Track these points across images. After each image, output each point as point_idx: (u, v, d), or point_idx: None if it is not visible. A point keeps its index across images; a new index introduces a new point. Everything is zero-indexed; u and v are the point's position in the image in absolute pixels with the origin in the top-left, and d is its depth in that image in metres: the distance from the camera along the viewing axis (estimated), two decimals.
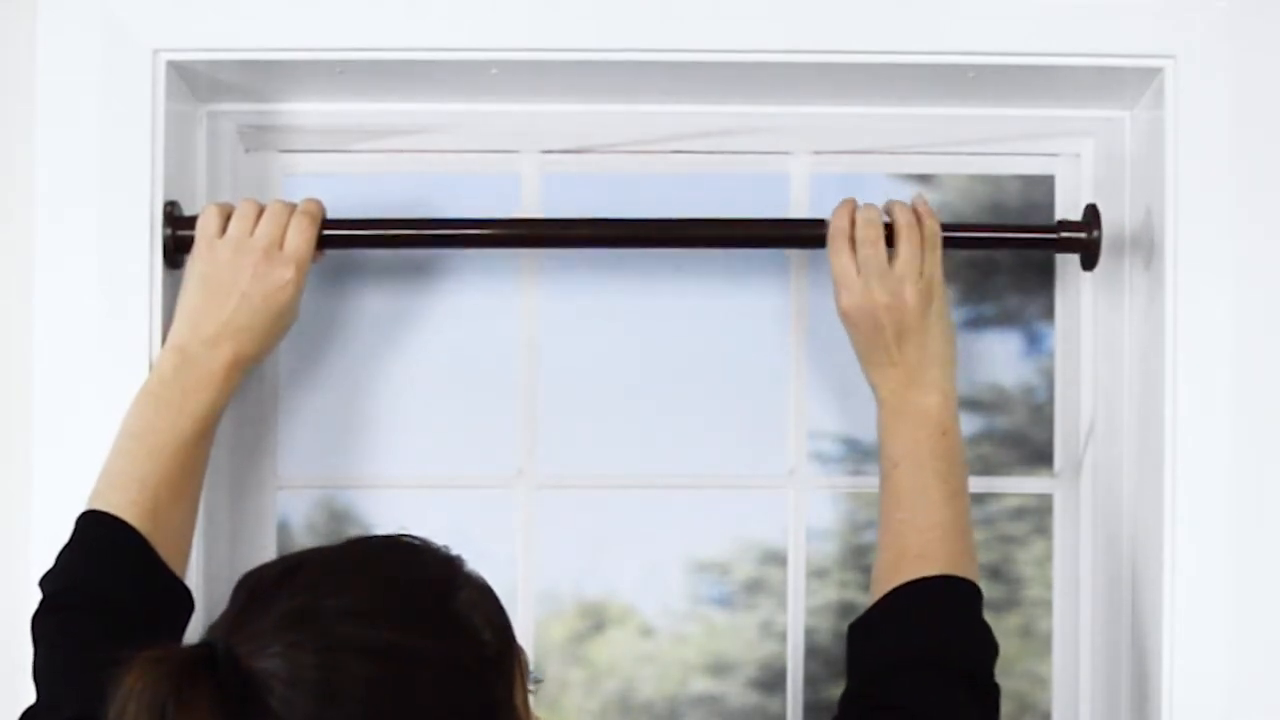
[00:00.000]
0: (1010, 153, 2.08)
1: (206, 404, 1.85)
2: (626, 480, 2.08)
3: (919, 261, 1.86)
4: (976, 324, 2.10)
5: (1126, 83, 1.97)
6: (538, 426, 2.06)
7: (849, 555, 2.10)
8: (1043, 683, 2.07)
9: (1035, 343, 2.09)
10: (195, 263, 1.89)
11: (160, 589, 1.77)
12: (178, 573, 1.80)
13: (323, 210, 1.92)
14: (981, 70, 1.95)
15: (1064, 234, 1.96)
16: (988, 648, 1.77)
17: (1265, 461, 1.90)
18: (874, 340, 1.85)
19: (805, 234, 1.95)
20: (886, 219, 1.89)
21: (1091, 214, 1.96)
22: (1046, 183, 2.09)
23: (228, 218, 1.89)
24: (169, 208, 1.93)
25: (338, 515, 2.09)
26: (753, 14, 1.92)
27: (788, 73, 1.96)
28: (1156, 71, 1.93)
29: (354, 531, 2.08)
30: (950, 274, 2.04)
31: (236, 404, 1.98)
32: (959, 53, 1.93)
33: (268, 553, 2.03)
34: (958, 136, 2.07)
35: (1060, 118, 2.05)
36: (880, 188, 2.10)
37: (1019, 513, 2.10)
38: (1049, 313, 2.09)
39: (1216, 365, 1.90)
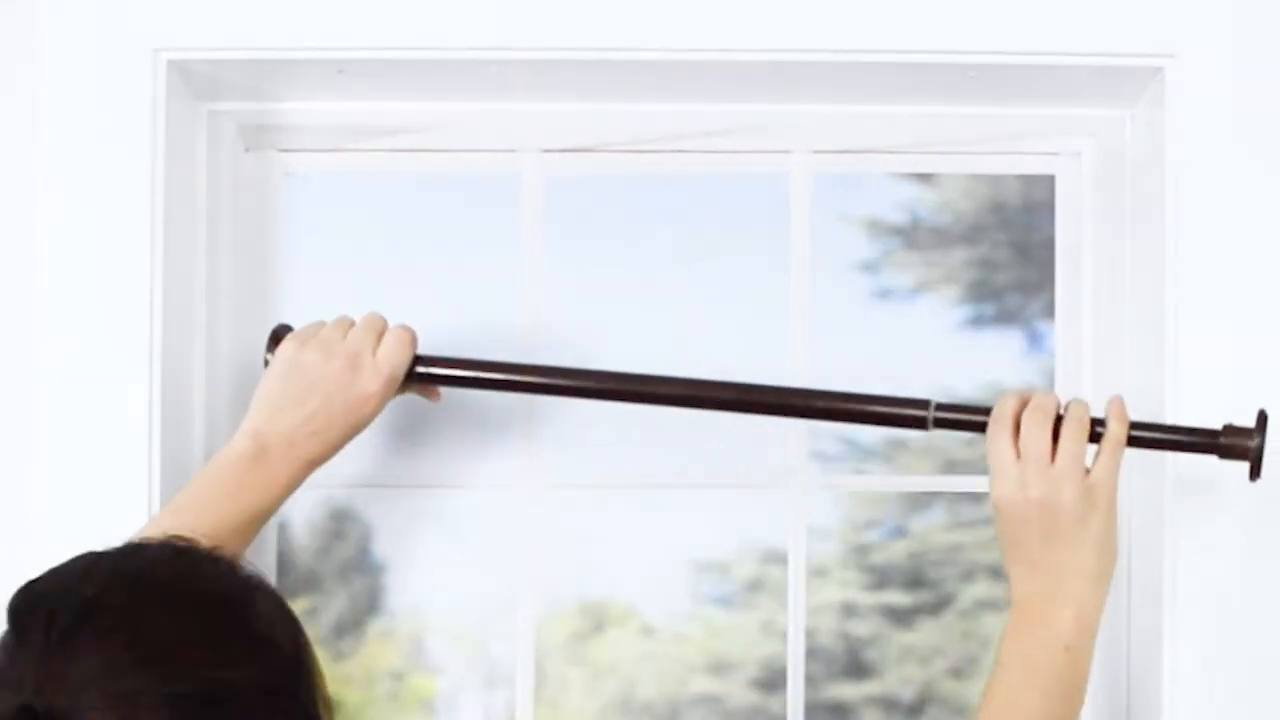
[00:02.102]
0: (1010, 152, 2.08)
1: (264, 503, 1.81)
2: (626, 480, 2.08)
3: (1083, 459, 1.70)
4: (976, 324, 2.10)
5: (1126, 83, 1.97)
6: (538, 426, 2.06)
7: (850, 555, 2.10)
8: None
9: (1035, 343, 2.09)
10: (281, 356, 1.84)
11: None
12: None
13: (416, 337, 1.86)
14: (981, 70, 1.95)
15: (1227, 440, 1.78)
16: None
17: (1266, 459, 1.90)
18: (1018, 536, 1.69)
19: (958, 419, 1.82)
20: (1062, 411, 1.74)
21: (1260, 421, 1.78)
22: (1046, 182, 2.09)
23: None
24: (277, 330, 1.90)
25: (338, 515, 2.09)
26: (753, 14, 1.92)
27: (788, 72, 1.96)
28: (1157, 71, 1.94)
29: (355, 531, 2.09)
30: (950, 274, 2.04)
31: (237, 403, 1.97)
32: (959, 52, 1.93)
33: (268, 553, 2.03)
34: (958, 136, 2.07)
35: (1060, 117, 2.05)
36: (880, 187, 2.10)
37: None
38: (1049, 313, 2.09)
39: (1216, 365, 1.90)
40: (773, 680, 2.08)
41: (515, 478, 2.06)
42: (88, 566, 1.36)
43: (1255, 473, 1.78)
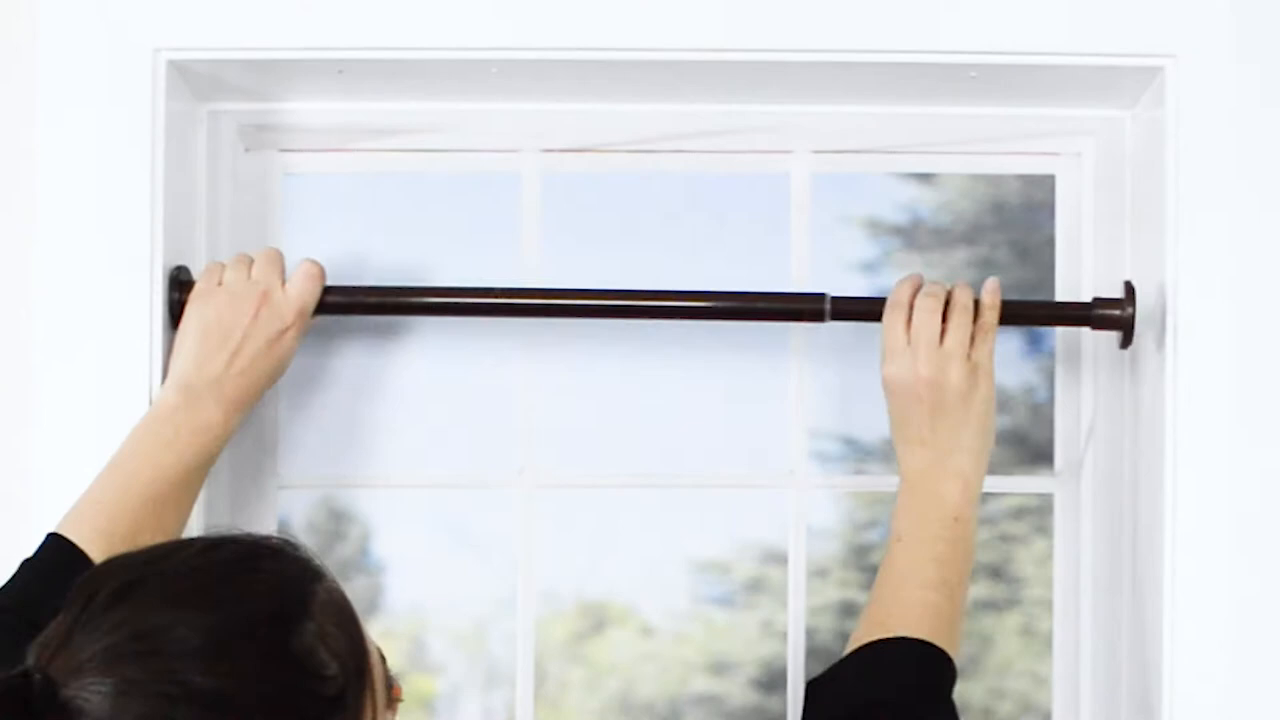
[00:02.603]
0: (1010, 152, 2.08)
1: (200, 449, 1.84)
2: (626, 480, 2.08)
3: (967, 343, 1.84)
4: None
5: (1126, 83, 1.97)
6: (538, 426, 2.06)
7: (850, 554, 2.10)
8: (1043, 683, 2.07)
9: (1035, 343, 2.09)
10: (192, 310, 1.89)
11: None
12: None
13: (324, 271, 1.92)
14: (982, 70, 1.95)
15: (1099, 311, 1.94)
16: None
17: (1265, 461, 1.90)
18: (909, 414, 1.83)
19: (853, 309, 1.93)
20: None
21: (1127, 291, 1.94)
22: (1046, 182, 2.09)
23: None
24: (175, 273, 1.93)
25: (338, 514, 2.09)
26: (754, 14, 1.92)
27: (788, 72, 1.96)
28: (1157, 71, 1.93)
29: (355, 531, 2.09)
30: (950, 274, 2.04)
31: None
32: (959, 52, 1.93)
33: None
34: (958, 136, 2.07)
35: (1060, 117, 2.05)
36: (880, 187, 2.10)
37: (1019, 513, 2.10)
38: None
39: (1217, 364, 1.90)
40: (773, 680, 2.08)
41: (515, 478, 2.06)
42: (166, 551, 1.35)
43: (1126, 341, 1.94)
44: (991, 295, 1.88)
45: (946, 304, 1.86)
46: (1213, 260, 1.91)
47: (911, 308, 1.86)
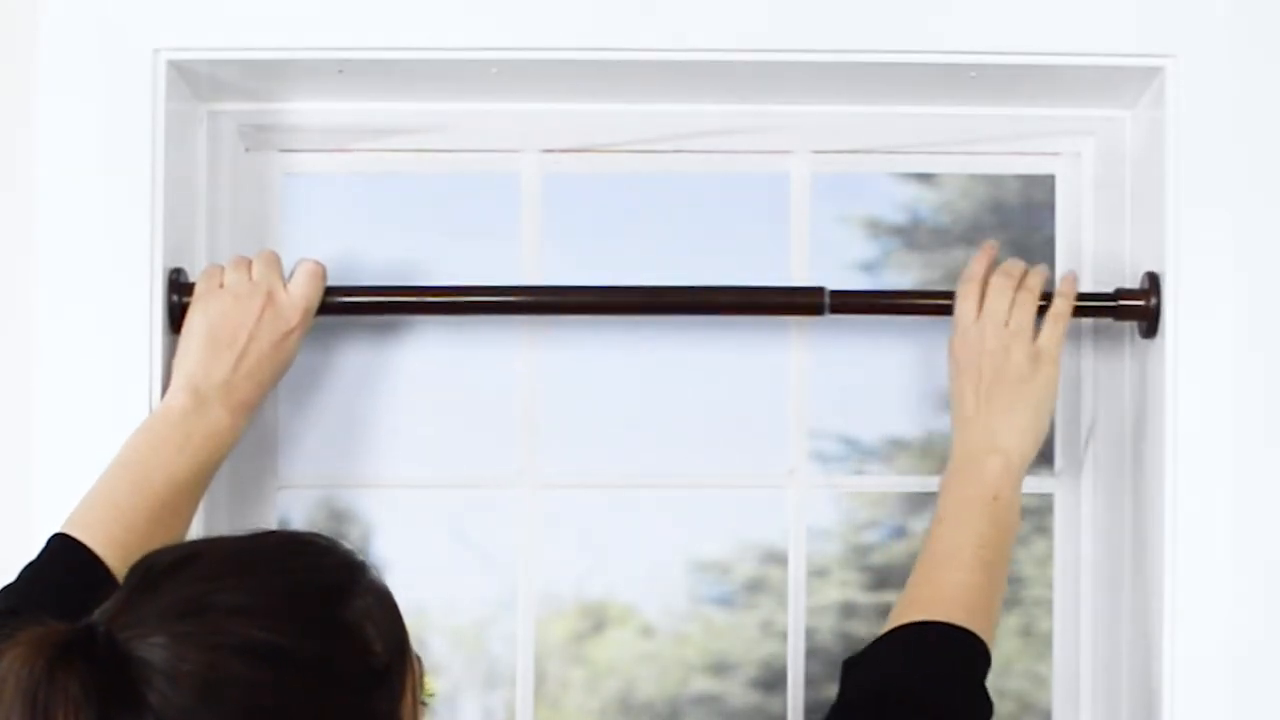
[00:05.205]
0: (1010, 152, 2.08)
1: (210, 453, 1.85)
2: (626, 480, 2.08)
3: (1032, 324, 1.88)
4: None
5: (1127, 83, 1.97)
6: (538, 426, 2.06)
7: (850, 555, 2.10)
8: (1043, 683, 2.07)
9: None
10: (196, 313, 1.89)
11: None
12: None
13: (325, 270, 1.93)
14: (981, 70, 1.95)
15: (1122, 302, 1.96)
16: (979, 708, 1.71)
17: (1266, 460, 1.90)
18: (968, 386, 1.87)
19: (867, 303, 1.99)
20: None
21: (1150, 281, 1.95)
22: (1046, 182, 2.09)
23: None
24: (174, 275, 1.93)
25: (338, 515, 2.09)
26: (753, 14, 1.92)
27: (788, 73, 1.96)
28: (1157, 71, 1.94)
29: (355, 531, 2.09)
30: (950, 274, 2.04)
31: None
32: (959, 52, 1.93)
33: None
34: (958, 136, 2.07)
35: (1060, 117, 2.05)
36: (880, 187, 2.10)
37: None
38: None
39: (1217, 364, 1.90)
40: (773, 680, 2.08)
41: (515, 478, 2.06)
42: (215, 537, 1.41)
43: (1150, 331, 1.95)
44: (1067, 284, 1.93)
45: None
46: (1213, 260, 1.91)
47: (985, 284, 1.89)
